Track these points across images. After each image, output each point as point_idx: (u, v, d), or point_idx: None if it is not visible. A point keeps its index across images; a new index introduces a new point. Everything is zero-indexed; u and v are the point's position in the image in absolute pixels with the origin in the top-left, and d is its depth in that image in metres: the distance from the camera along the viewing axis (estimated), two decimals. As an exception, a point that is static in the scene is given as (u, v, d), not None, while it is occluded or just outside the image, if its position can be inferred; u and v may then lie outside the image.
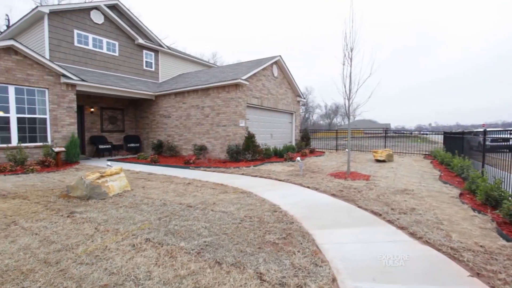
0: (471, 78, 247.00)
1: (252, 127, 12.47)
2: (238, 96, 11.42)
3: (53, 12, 11.64)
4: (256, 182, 7.06)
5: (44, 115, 9.81)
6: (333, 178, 7.37)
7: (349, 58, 7.70)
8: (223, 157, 11.67)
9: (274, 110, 14.49)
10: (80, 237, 3.51)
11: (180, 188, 6.20)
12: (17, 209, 4.69)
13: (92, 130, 13.09)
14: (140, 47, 15.34)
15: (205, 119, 12.35)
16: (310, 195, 5.61)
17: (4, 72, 8.85)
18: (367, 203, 4.85)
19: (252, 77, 12.34)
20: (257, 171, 8.76)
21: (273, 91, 14.20)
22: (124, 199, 5.24)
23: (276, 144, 14.42)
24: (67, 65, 12.11)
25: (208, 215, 4.30)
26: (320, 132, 26.05)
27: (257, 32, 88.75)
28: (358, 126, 64.41)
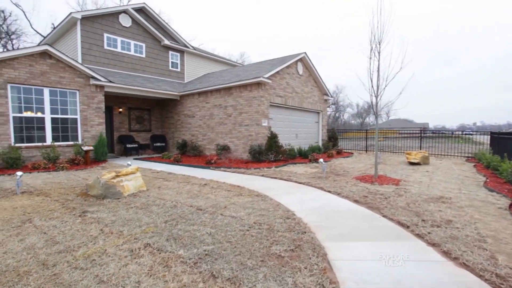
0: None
1: (275, 127, 12.12)
2: (260, 95, 11.14)
3: (85, 17, 12.22)
4: (275, 185, 6.72)
5: (75, 115, 10.28)
6: (358, 182, 6.80)
7: (377, 51, 7.07)
8: (245, 157, 11.46)
9: (299, 109, 14.00)
10: (84, 238, 3.44)
11: (195, 189, 6.06)
12: (37, 206, 4.82)
13: (121, 130, 13.58)
14: (166, 48, 15.67)
15: (227, 119, 12.24)
16: (330, 201, 5.15)
17: (40, 75, 9.39)
18: (394, 212, 4.31)
19: (275, 75, 11.98)
20: (278, 172, 8.41)
21: (298, 89, 13.72)
22: (137, 199, 5.19)
23: (301, 144, 13.92)
24: (97, 67, 12.67)
25: (216, 220, 4.06)
26: (350, 132, 24.96)
27: (262, 33, 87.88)
28: (392, 126, 61.13)
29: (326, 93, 16.12)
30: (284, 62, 12.46)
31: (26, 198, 5.37)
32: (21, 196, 5.52)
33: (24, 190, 6.01)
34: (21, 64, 9.04)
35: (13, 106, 8.95)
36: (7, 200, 5.23)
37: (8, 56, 8.80)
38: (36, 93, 9.38)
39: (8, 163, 8.50)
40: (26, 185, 6.46)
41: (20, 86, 9.06)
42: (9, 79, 8.82)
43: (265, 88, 11.36)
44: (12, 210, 4.58)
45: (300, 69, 13.80)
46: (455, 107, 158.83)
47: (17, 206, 4.83)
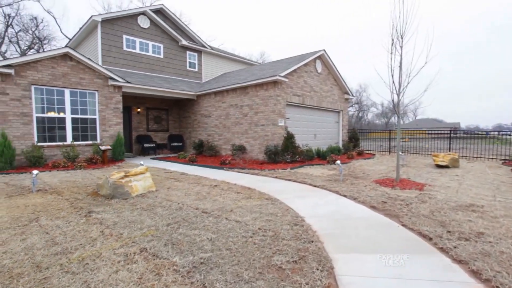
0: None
1: (293, 127, 11.78)
2: (276, 94, 10.85)
3: (105, 20, 12.55)
4: (288, 187, 6.43)
5: (94, 115, 10.55)
6: (378, 186, 6.33)
7: (399, 45, 6.57)
8: (261, 158, 11.22)
9: (317, 109, 13.55)
10: (83, 240, 3.36)
11: (204, 191, 5.90)
12: (47, 204, 4.87)
13: (139, 130, 13.83)
14: (184, 48, 15.78)
15: (243, 119, 12.06)
16: (344, 206, 4.79)
17: (61, 77, 9.71)
18: (415, 221, 3.88)
19: (292, 74, 11.64)
20: (293, 174, 8.10)
21: (317, 88, 13.28)
22: (144, 200, 5.11)
23: (320, 145, 13.45)
24: (116, 68, 12.97)
25: (220, 224, 3.85)
26: (373, 132, 23.96)
27: (282, 32, 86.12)
28: (420, 126, 58.35)
29: (346, 91, 15.51)
30: (302, 60, 12.09)
31: (40, 196, 5.47)
32: (36, 194, 5.64)
33: (40, 188, 6.15)
34: (44, 67, 9.38)
35: (36, 106, 9.30)
36: (22, 198, 5.35)
37: (33, 59, 9.15)
38: (58, 94, 9.70)
39: (31, 161, 8.84)
40: (43, 183, 6.63)
41: (43, 87, 9.41)
42: (33, 81, 9.17)
43: (281, 87, 11.06)
44: (23, 208, 4.65)
45: (319, 67, 13.35)
46: (490, 105, 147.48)
47: (29, 204, 4.91)
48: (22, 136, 9.01)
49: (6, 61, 8.74)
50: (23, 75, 9.01)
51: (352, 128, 16.78)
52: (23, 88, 9.00)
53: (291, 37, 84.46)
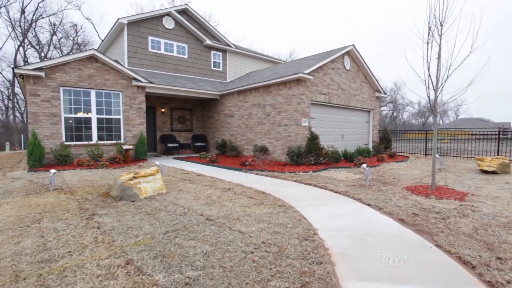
0: None
1: (318, 127, 11.14)
2: (300, 93, 10.29)
3: (131, 22, 12.82)
4: (306, 193, 5.89)
5: (118, 115, 10.76)
6: (409, 194, 5.56)
7: (438, 34, 5.73)
8: (283, 159, 10.73)
9: (345, 108, 12.72)
10: (73, 246, 3.16)
11: (215, 195, 5.57)
12: (57, 204, 4.83)
13: (163, 130, 13.98)
14: (208, 48, 15.73)
15: (266, 118, 11.64)
16: (367, 218, 4.17)
17: (87, 78, 10.00)
18: (453, 241, 3.19)
19: (318, 71, 10.99)
20: (314, 178, 7.51)
21: (345, 86, 12.46)
22: (151, 204, 4.89)
23: (348, 146, 12.62)
24: (141, 69, 13.21)
25: (221, 234, 3.47)
26: (408, 132, 22.23)
27: (293, 32, 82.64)
28: (462, 126, 53.78)
29: (378, 89, 14.44)
30: (328, 57, 11.37)
31: (54, 195, 5.50)
32: (51, 193, 5.69)
33: (58, 186, 6.24)
34: (71, 69, 9.72)
35: (64, 107, 9.66)
36: (37, 197, 5.41)
37: (61, 61, 9.51)
38: (84, 95, 10.01)
39: (58, 159, 9.17)
40: (62, 182, 6.75)
41: (70, 88, 9.75)
42: (61, 83, 9.53)
43: (305, 85, 10.47)
44: (34, 208, 4.64)
45: (347, 63, 12.51)
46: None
47: (41, 203, 4.91)
48: (51, 136, 9.39)
49: (37, 64, 9.16)
50: (53, 77, 9.39)
51: (383, 128, 15.61)
52: (52, 89, 9.38)
53: (323, 36, 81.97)
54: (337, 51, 11.85)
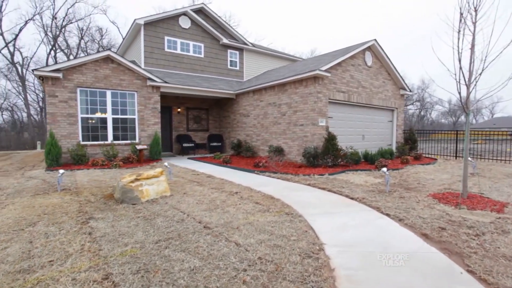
0: None
1: (336, 127, 10.55)
2: (317, 91, 9.76)
3: (147, 23, 12.89)
4: (318, 199, 5.43)
5: (133, 115, 10.80)
6: (436, 203, 4.93)
7: (472, 21, 5.04)
8: (299, 160, 10.26)
9: (366, 106, 11.99)
10: (57, 255, 2.97)
11: (220, 199, 5.26)
12: (59, 206, 4.75)
13: (179, 129, 13.96)
14: (225, 47, 15.53)
15: (281, 118, 11.22)
16: (384, 231, 3.66)
17: (103, 79, 10.11)
18: (490, 267, 2.64)
19: (336, 68, 10.39)
20: (330, 181, 7.00)
21: (366, 83, 11.74)
22: (151, 207, 4.67)
23: (369, 147, 11.89)
24: (157, 69, 13.25)
25: (215, 246, 3.14)
26: (437, 132, 20.79)
27: (314, 31, 78.86)
28: (499, 126, 50.01)
29: (402, 86, 13.52)
30: (347, 52, 10.74)
31: (59, 196, 5.45)
32: (58, 193, 5.66)
33: (67, 187, 6.23)
34: (88, 70, 9.85)
35: (81, 107, 9.81)
36: (43, 197, 5.38)
37: (78, 62, 9.66)
38: (100, 95, 10.13)
39: (74, 159, 9.32)
40: (72, 182, 6.76)
41: (87, 89, 9.89)
42: (78, 84, 9.69)
43: (323, 82, 9.93)
44: (36, 209, 4.58)
45: (369, 59, 11.78)
46: None
47: (44, 204, 4.85)
48: (68, 136, 9.57)
49: (55, 65, 9.37)
50: (70, 78, 9.55)
51: (408, 128, 14.61)
52: (69, 90, 9.56)
53: (345, 34, 79.28)
54: (357, 47, 11.16)
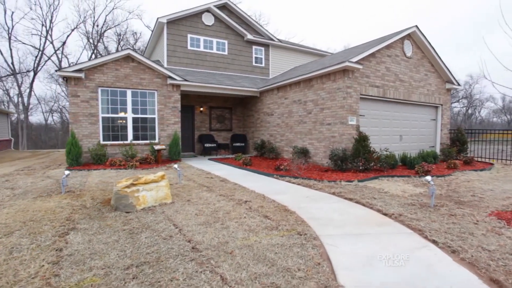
0: None
1: (369, 126, 9.40)
2: (346, 86, 8.71)
3: (170, 21, 12.69)
4: (342, 213, 4.50)
5: (153, 115, 10.59)
6: (503, 225, 3.76)
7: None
8: (325, 164, 9.27)
9: (405, 103, 10.59)
10: (4, 280, 2.48)
11: (225, 209, 4.58)
12: (51, 212, 4.41)
13: (201, 129, 13.60)
14: (250, 43, 14.90)
15: (307, 117, 10.29)
16: (431, 271, 2.68)
17: (123, 78, 10.00)
18: None
19: (369, 59, 9.23)
20: (359, 190, 6.00)
21: (404, 76, 10.35)
22: (144, 217, 4.13)
23: (408, 149, 10.51)
24: (180, 68, 13.01)
25: (194, 280, 2.45)
26: (491, 132, 18.19)
27: (348, 27, 72.80)
28: None
29: (449, 79, 11.81)
30: (382, 42, 9.49)
31: (60, 199, 5.17)
32: (60, 196, 5.40)
33: (74, 188, 6.01)
34: (109, 69, 9.80)
35: (102, 107, 9.78)
36: (43, 200, 5.13)
37: (99, 62, 9.64)
38: (121, 94, 10.03)
39: (94, 159, 9.29)
40: (82, 183, 6.55)
41: (108, 89, 9.84)
42: (99, 83, 9.66)
43: (353, 76, 8.84)
44: (28, 214, 4.29)
45: (408, 49, 10.37)
46: None
47: (38, 209, 4.56)
48: (90, 135, 9.58)
49: (77, 65, 9.41)
50: (91, 78, 9.55)
51: (456, 127, 12.76)
52: (91, 90, 9.56)
53: (384, 28, 74.50)
54: (395, 35, 9.84)
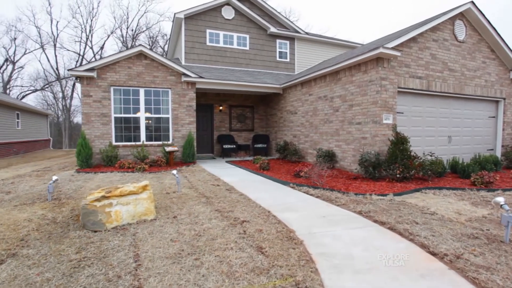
0: None
1: (409, 126, 7.90)
2: (380, 77, 7.28)
3: (188, 16, 12.10)
4: (367, 248, 3.27)
5: (167, 114, 10.03)
6: None
7: None
8: (354, 170, 7.91)
9: (456, 97, 8.79)
10: None
11: (209, 234, 3.61)
12: (14, 226, 3.81)
13: (221, 129, 12.84)
14: (273, 36, 13.80)
15: (333, 115, 8.99)
16: None
17: (136, 76, 9.56)
18: None
19: (410, 45, 7.69)
20: (395, 208, 4.66)
21: (455, 65, 8.57)
22: (106, 242, 3.32)
23: (459, 153, 8.74)
24: (199, 65, 12.37)
25: None
26: None
27: (385, 20, 65.12)
28: None
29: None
30: (427, 23, 7.86)
31: (37, 209, 4.63)
32: (41, 205, 4.87)
33: (62, 195, 5.49)
34: (121, 67, 9.41)
35: (114, 107, 9.42)
36: (20, 209, 4.63)
37: (111, 60, 9.28)
38: (133, 93, 9.61)
39: (104, 160, 8.93)
40: (77, 189, 6.07)
41: (120, 88, 9.46)
42: (111, 82, 9.31)
43: (389, 65, 7.39)
44: (-9, 228, 3.72)
45: (461, 31, 8.56)
46: None
47: (4, 221, 4.01)
48: (102, 136, 9.26)
49: (89, 64, 9.13)
50: (104, 77, 9.23)
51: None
52: (103, 89, 9.24)
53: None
54: (442, 15, 8.12)
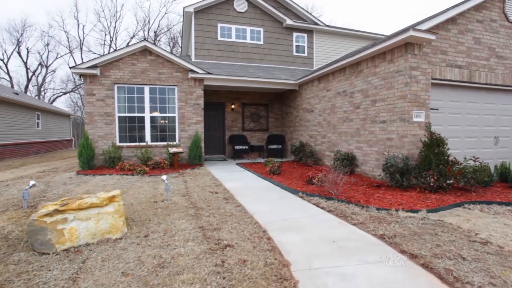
0: None
1: (445, 125, 6.67)
2: (410, 66, 6.12)
3: (198, 10, 11.49)
4: None
5: (173, 113, 9.46)
6: None
7: None
8: (377, 176, 6.79)
9: (505, 90, 7.36)
10: None
11: (175, 266, 2.84)
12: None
13: (233, 129, 12.10)
14: (289, 29, 12.82)
15: (354, 112, 7.89)
16: None
17: (140, 73, 9.08)
18: None
19: (447, 27, 6.44)
20: (429, 232, 3.59)
21: (505, 51, 7.14)
22: (44, 271, 2.64)
23: (509, 157, 7.29)
24: (209, 61, 11.72)
25: None
26: None
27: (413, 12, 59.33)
28: None
29: None
30: (469, 0, 6.54)
31: (1, 219, 4.09)
32: (13, 213, 4.39)
33: (43, 202, 4.97)
34: (125, 64, 8.98)
35: (118, 106, 9.01)
36: (-11, 219, 4.11)
37: (115, 56, 8.88)
38: (138, 91, 9.15)
39: (107, 161, 8.53)
40: (64, 194, 5.54)
41: (124, 85, 9.04)
42: (115, 80, 8.90)
43: (420, 52, 6.21)
44: None
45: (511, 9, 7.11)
46: None
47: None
48: (105, 136, 8.88)
49: (91, 61, 8.77)
50: (107, 75, 8.84)
51: None
52: (106, 87, 8.85)
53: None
54: (490, -10, 6.75)
